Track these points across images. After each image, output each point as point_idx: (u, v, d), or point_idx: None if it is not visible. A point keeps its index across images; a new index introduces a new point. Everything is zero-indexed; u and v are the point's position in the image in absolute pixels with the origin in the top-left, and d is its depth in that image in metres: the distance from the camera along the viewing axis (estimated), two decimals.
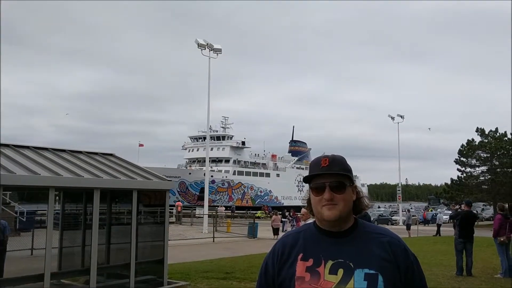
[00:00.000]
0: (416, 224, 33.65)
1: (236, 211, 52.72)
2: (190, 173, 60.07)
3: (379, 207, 72.15)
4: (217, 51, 29.87)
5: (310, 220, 1.91)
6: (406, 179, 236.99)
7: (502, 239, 10.61)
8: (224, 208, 48.39)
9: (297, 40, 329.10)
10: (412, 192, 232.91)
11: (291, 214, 31.14)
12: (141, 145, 61.80)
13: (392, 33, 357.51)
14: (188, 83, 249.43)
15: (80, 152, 9.37)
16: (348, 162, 1.83)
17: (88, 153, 9.45)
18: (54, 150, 8.87)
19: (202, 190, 58.50)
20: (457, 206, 27.91)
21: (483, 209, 57.00)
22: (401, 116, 47.98)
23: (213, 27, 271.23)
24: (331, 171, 1.72)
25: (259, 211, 52.85)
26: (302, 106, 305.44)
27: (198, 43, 29.22)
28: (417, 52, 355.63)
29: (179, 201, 47.02)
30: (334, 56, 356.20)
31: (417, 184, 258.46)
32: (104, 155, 9.76)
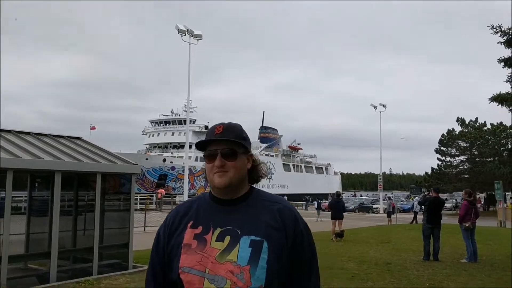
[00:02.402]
0: (395, 212, 34.06)
1: None
2: (147, 159, 54.06)
3: (361, 196, 72.95)
4: (198, 37, 29.60)
5: None
6: (390, 168, 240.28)
7: (467, 225, 10.81)
8: None
9: (280, 29, 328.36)
10: (396, 181, 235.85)
11: None
12: (92, 128, 55.46)
13: (376, 24, 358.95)
14: (168, 71, 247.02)
15: (45, 135, 9.20)
16: (246, 132, 1.79)
17: (54, 136, 9.28)
18: (17, 133, 8.69)
19: (160, 177, 55.07)
20: (426, 193, 28.33)
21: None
22: (383, 105, 48.22)
23: (195, 14, 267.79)
24: (223, 137, 1.69)
25: None
26: (284, 95, 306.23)
27: (178, 29, 28.91)
28: (402, 43, 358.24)
29: (161, 188, 46.57)
30: (318, 46, 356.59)
31: (401, 174, 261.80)
32: (70, 138, 9.61)
